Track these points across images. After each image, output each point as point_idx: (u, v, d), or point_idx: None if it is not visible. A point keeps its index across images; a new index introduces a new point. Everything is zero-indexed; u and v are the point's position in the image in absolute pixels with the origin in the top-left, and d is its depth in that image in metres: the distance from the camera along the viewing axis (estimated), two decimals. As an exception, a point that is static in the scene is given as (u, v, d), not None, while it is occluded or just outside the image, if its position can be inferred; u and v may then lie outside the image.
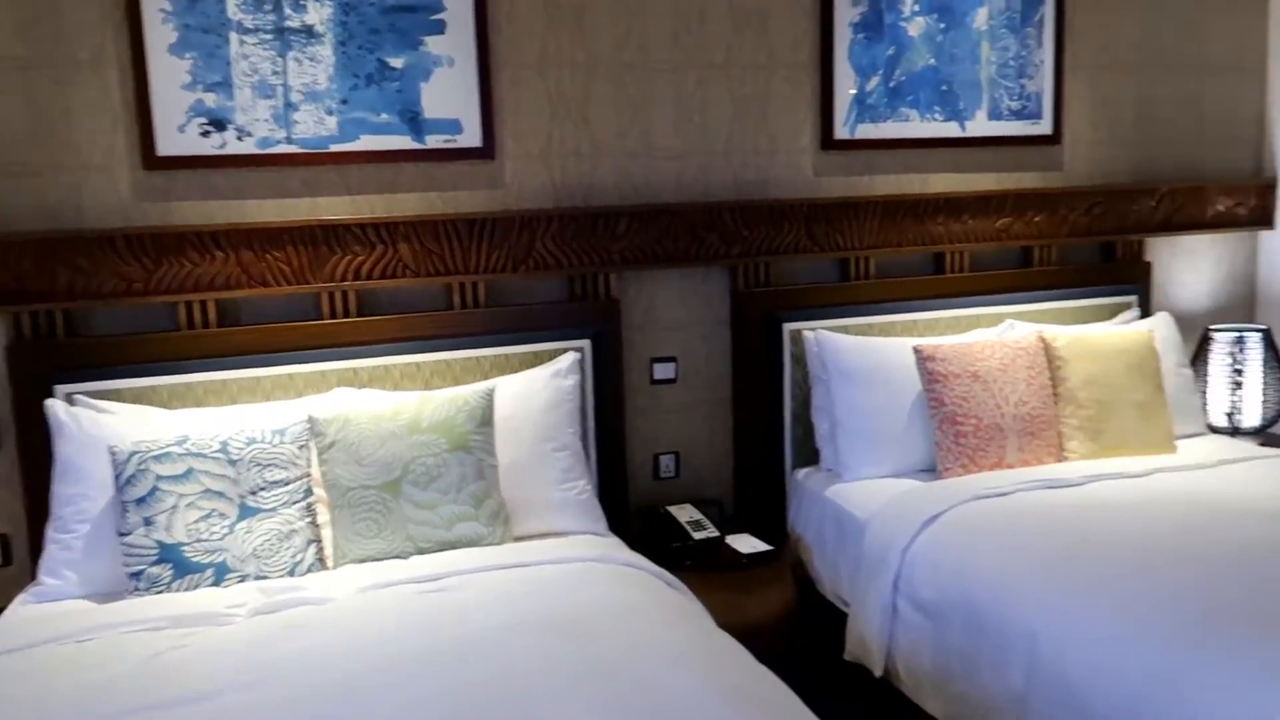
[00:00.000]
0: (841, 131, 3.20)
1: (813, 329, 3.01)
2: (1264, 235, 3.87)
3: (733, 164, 3.09)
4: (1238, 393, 3.63)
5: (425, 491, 2.21)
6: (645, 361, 3.04)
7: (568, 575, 2.08)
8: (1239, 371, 3.64)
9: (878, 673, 2.43)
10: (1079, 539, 2.23)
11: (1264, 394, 3.64)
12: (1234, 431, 3.64)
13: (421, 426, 2.26)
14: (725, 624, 2.26)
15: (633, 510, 2.99)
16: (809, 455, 3.06)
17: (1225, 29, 3.71)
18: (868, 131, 3.24)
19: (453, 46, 2.74)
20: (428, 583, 2.04)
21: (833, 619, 2.70)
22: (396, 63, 2.71)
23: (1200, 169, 3.74)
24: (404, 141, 2.74)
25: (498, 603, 1.92)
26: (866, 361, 2.91)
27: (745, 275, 3.07)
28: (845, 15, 3.13)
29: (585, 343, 2.84)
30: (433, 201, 2.80)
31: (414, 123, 2.74)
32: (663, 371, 3.05)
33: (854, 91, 3.18)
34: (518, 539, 2.34)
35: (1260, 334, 3.61)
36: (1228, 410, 3.66)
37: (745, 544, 2.74)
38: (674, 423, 3.09)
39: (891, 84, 3.25)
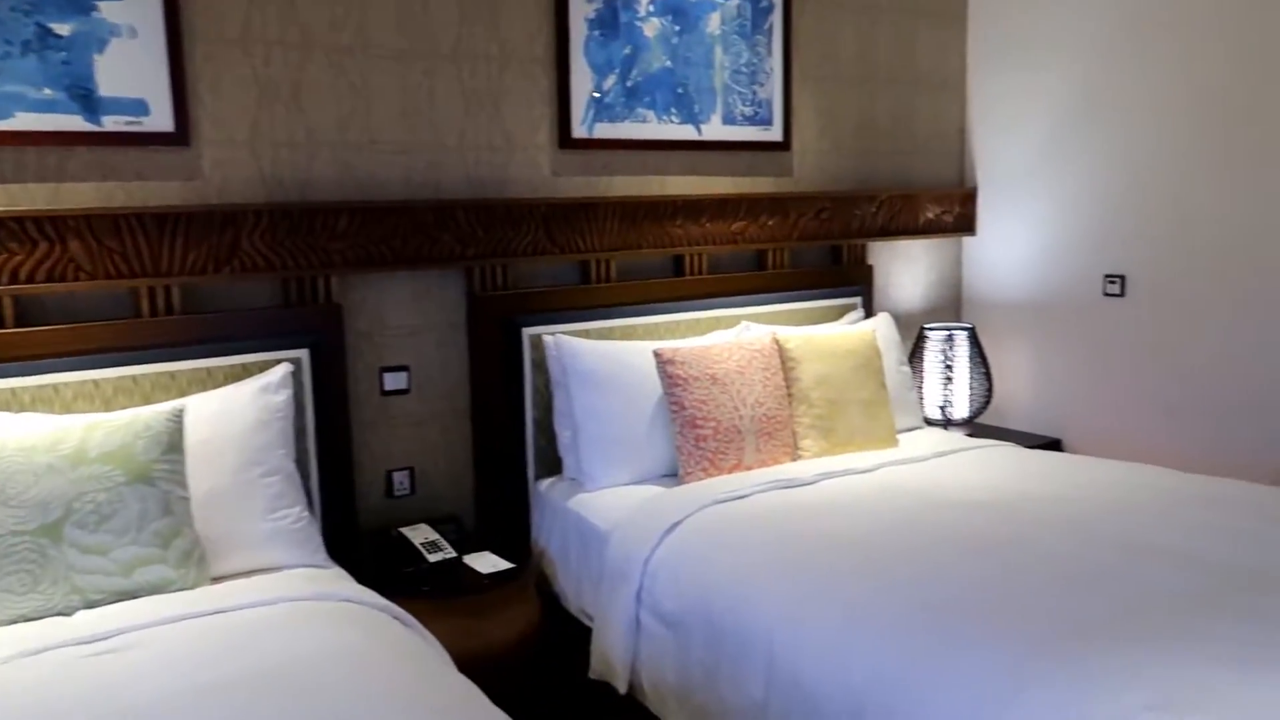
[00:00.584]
0: (579, 130, 3.11)
1: (552, 333, 2.90)
2: (967, 241, 4.20)
3: (466, 161, 2.92)
4: (949, 387, 3.90)
5: (95, 534, 1.87)
6: (374, 371, 2.81)
7: (273, 619, 1.83)
8: (949, 367, 3.91)
9: (622, 689, 2.35)
10: (810, 540, 2.25)
11: (971, 388, 3.94)
12: (947, 423, 3.90)
13: (89, 457, 1.92)
14: (464, 651, 2.10)
15: (364, 534, 2.75)
16: (552, 465, 2.94)
17: (931, 47, 3.99)
18: (606, 131, 3.17)
19: (133, 13, 2.38)
20: (97, 643, 1.72)
21: (580, 636, 2.60)
22: (62, 29, 2.32)
23: (913, 178, 4.00)
24: (74, 122, 2.35)
25: (183, 661, 1.65)
26: (607, 366, 2.83)
27: (482, 278, 2.91)
28: (580, 10, 3.04)
29: (303, 353, 2.57)
30: (112, 192, 2.42)
31: (86, 100, 2.36)
32: (394, 381, 2.83)
33: (595, 93, 3.11)
34: (217, 579, 2.05)
35: (967, 332, 3.90)
36: (941, 404, 3.93)
37: (485, 563, 2.58)
38: (408, 436, 2.88)
39: (629, 84, 3.20)
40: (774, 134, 3.55)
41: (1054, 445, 3.84)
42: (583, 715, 2.58)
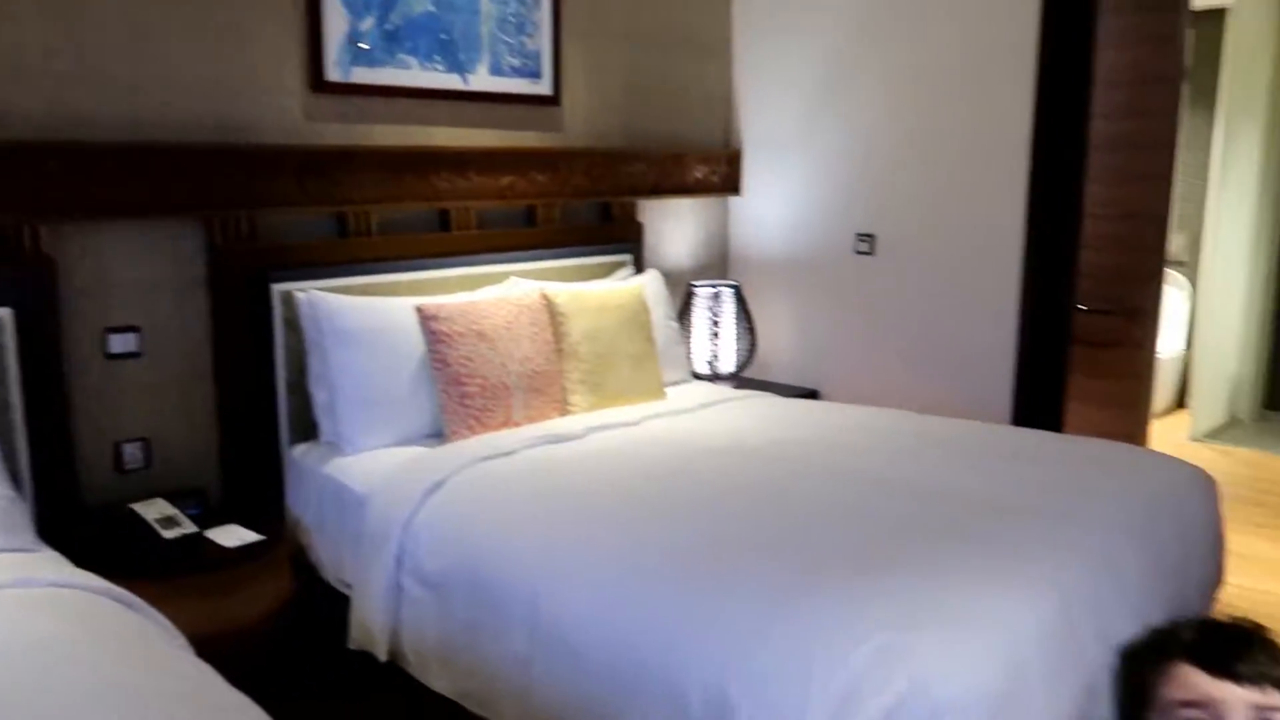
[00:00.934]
0: (334, 73, 2.92)
1: (306, 290, 2.72)
2: (733, 201, 4.33)
3: (205, 101, 2.66)
4: (716, 342, 4.02)
5: None
6: (97, 333, 2.53)
7: (-43, 611, 1.60)
8: (716, 323, 4.03)
9: (383, 657, 2.26)
10: (576, 492, 2.24)
11: (737, 343, 4.08)
12: (714, 377, 4.03)
13: None
14: (205, 632, 1.93)
15: (89, 513, 2.48)
16: (308, 429, 2.77)
17: (698, 10, 4.04)
18: (364, 76, 2.99)
19: None
20: None
21: (341, 607, 2.47)
22: None
23: (682, 138, 4.06)
24: None
25: None
26: (366, 323, 2.69)
27: (225, 230, 2.68)
28: (331, -59, 2.84)
29: (4, 312, 2.27)
30: None
31: None
32: (122, 344, 2.56)
33: (351, 35, 2.92)
34: (-103, 570, 1.78)
35: (732, 289, 4.02)
36: (709, 358, 4.04)
37: (231, 536, 2.40)
38: (140, 404, 2.61)
39: (388, 26, 3.03)
40: (543, 88, 3.48)
41: (812, 395, 4.05)
42: (343, 688, 2.47)
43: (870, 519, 1.99)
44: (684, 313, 4.03)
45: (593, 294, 3.12)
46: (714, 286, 4.00)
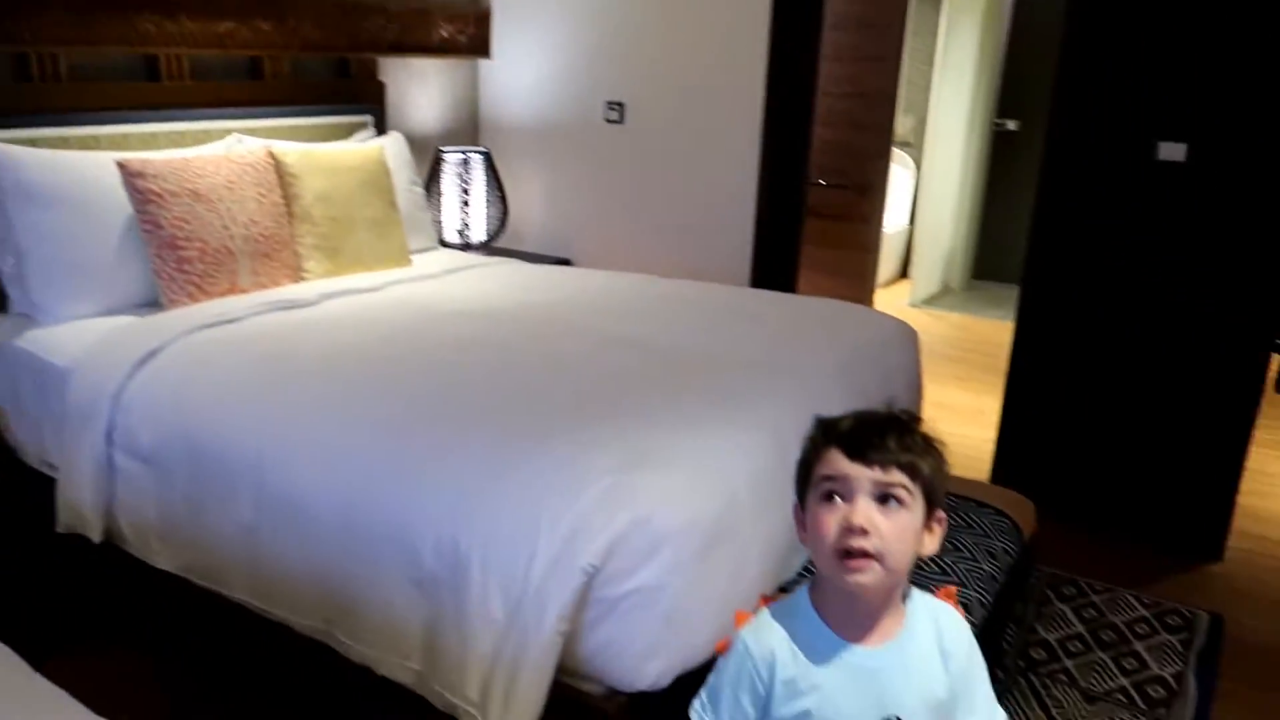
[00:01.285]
0: (-3, -116, 2.48)
1: (-22, 140, 2.37)
2: (484, 64, 4.17)
3: None
4: (467, 210, 3.93)
5: None
6: None
7: None
8: (466, 190, 3.93)
9: (96, 538, 2.10)
10: (307, 357, 2.15)
11: (488, 211, 4.00)
12: (465, 246, 3.95)
13: None
14: None
15: None
16: (-3, 300, 2.47)
17: None
18: (37, -109, 2.57)
19: None
20: None
21: (46, 490, 2.26)
22: None
23: (424, -9, 3.83)
24: None
25: None
26: (57, 179, 2.39)
27: None
28: None
29: None
30: None
31: None
32: None
33: None
34: None
35: (482, 156, 3.92)
36: (459, 227, 3.95)
37: (-98, 419, 2.12)
38: None
39: None
40: (262, -77, 3.14)
41: (564, 264, 4.08)
42: (53, 573, 2.29)
43: (602, 374, 2.05)
44: (432, 179, 3.89)
45: (326, 154, 2.94)
46: (463, 153, 3.87)
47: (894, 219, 6.72)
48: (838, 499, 1.00)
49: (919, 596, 1.08)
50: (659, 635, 1.53)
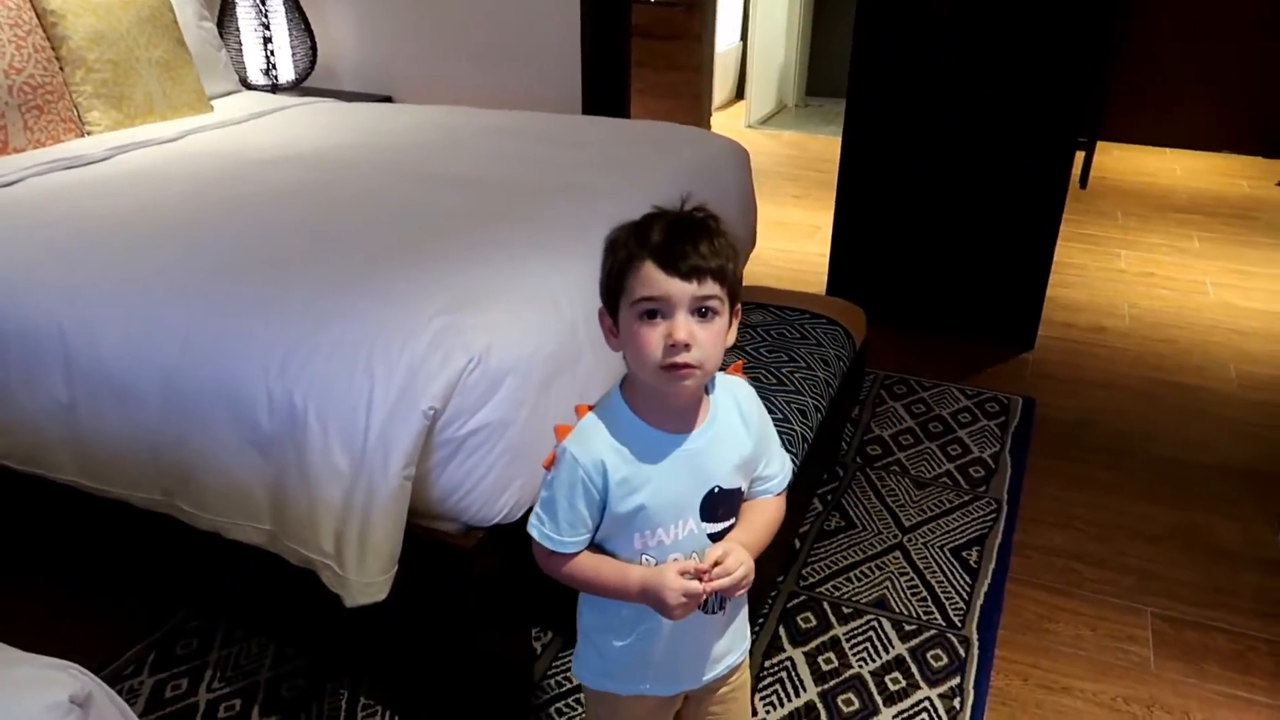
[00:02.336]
0: None
1: None
2: (268, -123, 3.74)
3: None
4: (269, 48, 3.61)
5: None
6: None
7: None
8: (266, 26, 3.59)
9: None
10: (101, 217, 1.96)
11: (293, 48, 3.69)
12: (273, 88, 3.65)
13: None
14: None
15: None
16: None
17: None
18: None
19: None
20: None
21: None
22: None
23: None
24: None
25: None
26: None
27: None
28: None
29: None
30: None
31: None
32: None
33: None
34: None
35: (280, -14, 3.57)
36: (263, 67, 3.64)
37: None
38: None
39: None
40: None
41: (386, 101, 3.84)
42: None
43: (425, 214, 1.96)
44: (226, 15, 3.54)
45: (94, -13, 2.60)
46: (257, -18, 3.52)
47: (725, 37, 6.62)
48: (659, 317, 1.02)
49: (716, 378, 1.15)
50: (508, 470, 1.53)
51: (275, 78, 3.65)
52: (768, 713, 1.78)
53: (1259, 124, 5.60)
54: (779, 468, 1.21)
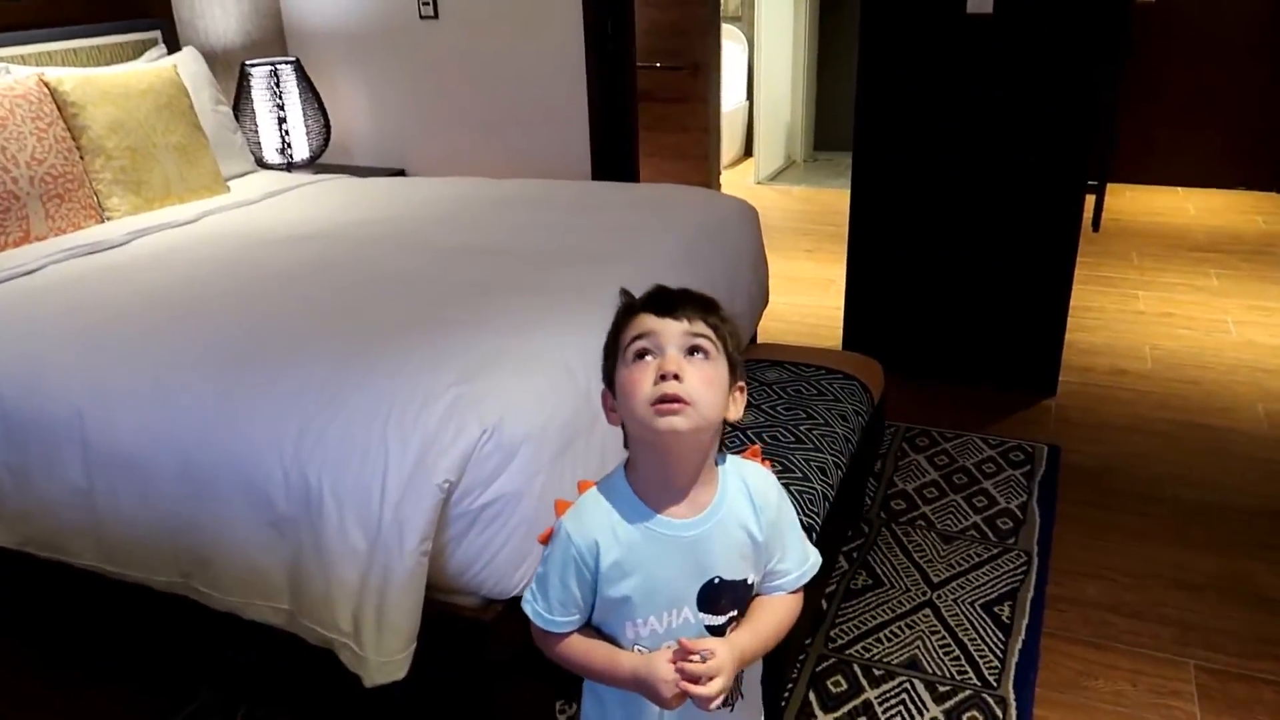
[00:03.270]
0: None
1: None
2: (280, -36, 3.86)
3: None
4: (284, 127, 3.68)
5: None
6: None
7: None
8: (281, 106, 3.67)
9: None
10: (119, 302, 1.98)
11: (307, 126, 3.76)
12: (289, 166, 3.72)
13: None
14: None
15: None
16: None
17: None
18: None
19: None
20: None
21: None
22: None
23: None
24: None
25: None
26: None
27: None
28: None
29: None
30: None
31: None
32: None
33: None
34: None
35: (292, 66, 3.66)
36: (278, 146, 3.71)
37: None
38: None
39: None
40: None
41: (399, 174, 3.90)
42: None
43: (438, 286, 1.97)
44: (242, 98, 3.63)
45: (109, 78, 2.67)
46: (271, 64, 3.61)
47: (731, 96, 6.71)
48: (649, 356, 1.01)
49: (730, 461, 1.11)
50: (525, 541, 1.52)
51: (290, 156, 3.72)
52: (801, 783, 1.73)
53: (1270, 159, 5.59)
54: (797, 562, 1.13)
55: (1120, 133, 5.57)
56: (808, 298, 4.15)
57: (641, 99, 5.01)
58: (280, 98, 3.66)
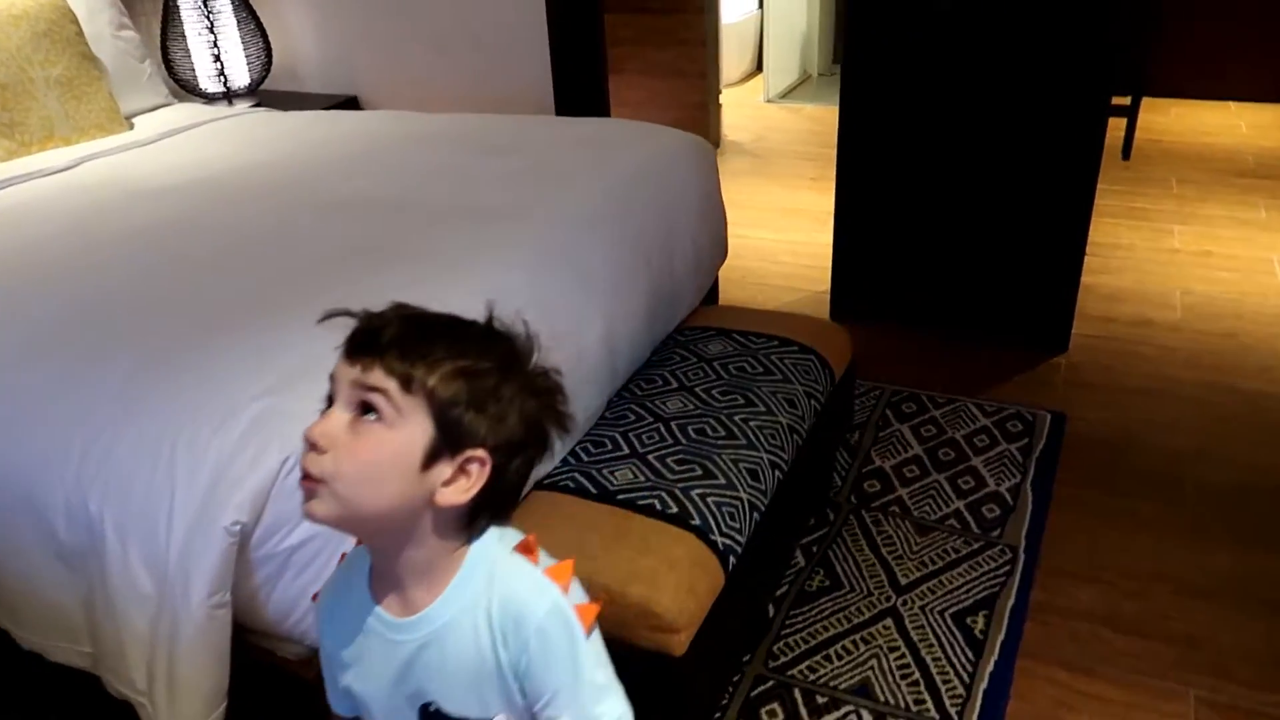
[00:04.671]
0: None
1: None
2: None
3: None
4: (218, 50, 3.34)
5: None
6: None
7: None
8: (212, 29, 3.33)
9: None
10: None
11: (246, 51, 3.42)
12: (228, 95, 3.39)
13: None
14: None
15: None
16: None
17: None
18: None
19: None
20: None
21: None
22: None
23: None
24: None
25: None
26: None
27: None
28: None
29: None
30: None
31: None
32: None
33: None
34: None
35: (226, -16, 3.30)
36: (212, 73, 3.38)
37: None
38: None
39: None
40: None
41: (351, 103, 3.56)
42: None
43: (300, 251, 1.66)
44: (169, 21, 3.28)
45: (-23, 2, 2.35)
46: (200, -19, 3.25)
47: (742, 4, 6.20)
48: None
49: (487, 562, 0.81)
50: (345, 589, 1.24)
51: (229, 83, 3.38)
52: None
53: (1338, 68, 5.01)
54: (574, 717, 0.81)
55: (1163, 36, 5.00)
56: (805, 233, 3.77)
57: (631, 9, 4.57)
58: (213, 21, 3.32)
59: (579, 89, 3.29)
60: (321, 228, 1.76)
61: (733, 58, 6.06)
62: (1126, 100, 4.18)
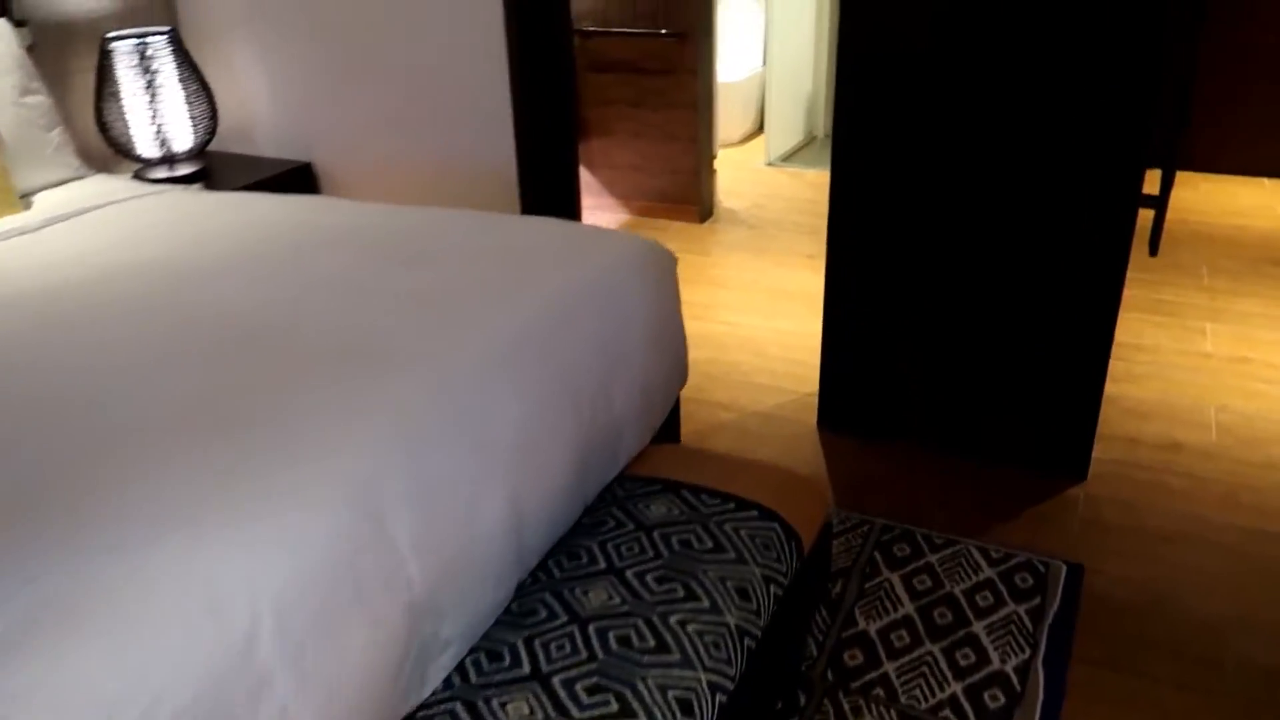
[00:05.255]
0: None
1: None
2: (161, -87, 3.21)
3: None
4: (155, 110, 3.06)
5: None
6: None
7: None
8: (152, 86, 3.05)
9: None
10: None
11: (191, 112, 3.13)
12: (169, 160, 3.11)
13: None
14: None
15: None
16: None
17: None
18: None
19: None
20: None
21: None
22: None
23: None
24: None
25: None
26: None
27: None
28: None
29: None
30: None
31: None
32: None
33: None
34: None
35: (166, 38, 3.02)
36: (153, 136, 3.09)
37: None
38: None
39: None
40: None
41: (304, 169, 3.28)
42: None
43: (124, 407, 1.32)
44: (104, 80, 3.01)
45: None
46: (139, 38, 2.98)
47: (745, 63, 5.93)
48: None
49: None
50: None
51: (170, 148, 3.10)
52: None
53: (1378, 145, 4.68)
54: None
55: (1193, 107, 4.68)
56: (794, 320, 3.45)
57: (625, 70, 4.30)
58: (152, 78, 3.04)
59: (546, 170, 2.99)
60: (148, 373, 1.40)
61: (734, 117, 5.78)
62: (1155, 178, 3.84)
